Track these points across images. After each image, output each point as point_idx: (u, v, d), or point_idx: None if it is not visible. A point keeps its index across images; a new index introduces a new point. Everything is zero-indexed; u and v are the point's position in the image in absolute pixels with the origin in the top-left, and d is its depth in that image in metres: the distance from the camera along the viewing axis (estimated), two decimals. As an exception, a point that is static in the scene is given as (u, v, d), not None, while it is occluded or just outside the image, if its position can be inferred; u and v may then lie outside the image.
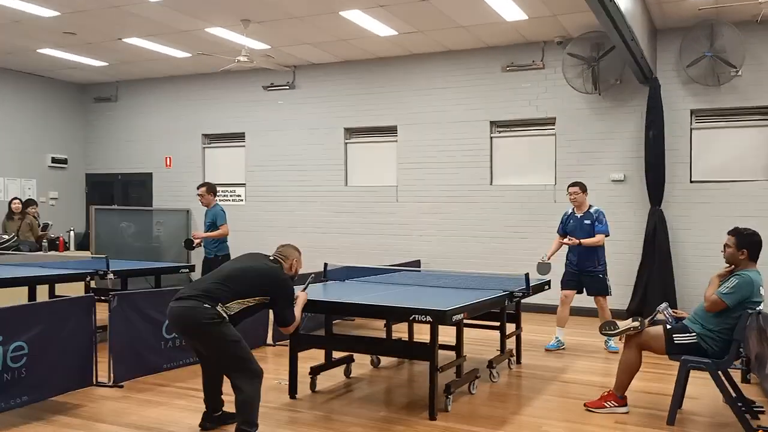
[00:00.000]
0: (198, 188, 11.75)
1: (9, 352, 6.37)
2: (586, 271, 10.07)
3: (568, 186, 10.36)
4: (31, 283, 9.92)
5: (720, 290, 6.45)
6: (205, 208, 11.63)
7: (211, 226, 11.48)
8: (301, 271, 6.67)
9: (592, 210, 10.17)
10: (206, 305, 5.74)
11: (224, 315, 5.78)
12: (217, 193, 12.01)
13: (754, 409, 6.79)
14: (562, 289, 10.18)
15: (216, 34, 13.18)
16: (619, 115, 13.15)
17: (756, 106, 12.39)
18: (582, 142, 13.40)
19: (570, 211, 10.36)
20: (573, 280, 10.17)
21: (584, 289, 10.22)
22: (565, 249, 10.34)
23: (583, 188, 10.24)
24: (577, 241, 9.93)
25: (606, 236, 10.07)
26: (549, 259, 10.02)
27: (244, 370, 5.82)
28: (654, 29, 12.62)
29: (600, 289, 10.10)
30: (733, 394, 6.60)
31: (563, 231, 10.38)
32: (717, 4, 11.44)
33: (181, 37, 13.50)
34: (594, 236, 9.98)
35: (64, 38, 13.80)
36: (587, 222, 10.10)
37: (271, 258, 6.37)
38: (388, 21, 12.33)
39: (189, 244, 11.53)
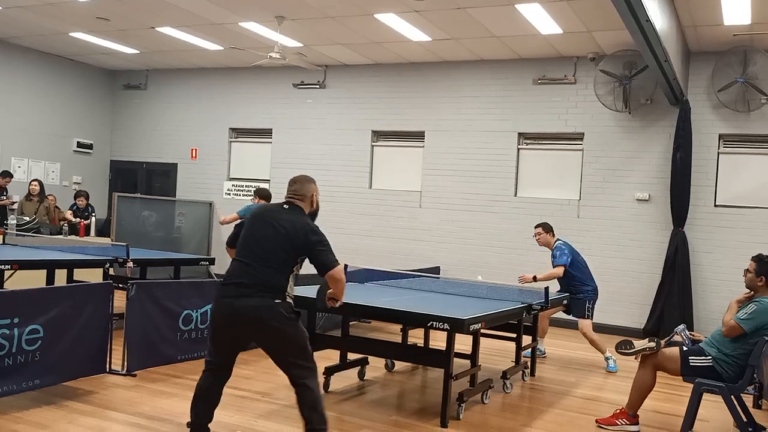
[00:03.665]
0: None
1: (24, 335, 6.38)
2: (570, 295, 10.01)
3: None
4: (50, 266, 9.95)
5: (738, 316, 6.45)
6: None
7: None
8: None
9: (556, 243, 10.18)
10: (277, 300, 5.30)
11: (292, 305, 5.45)
12: (270, 198, 11.84)
13: (763, 434, 6.78)
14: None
15: (249, 29, 13.24)
16: (648, 134, 13.11)
17: (785, 135, 12.36)
18: (609, 159, 13.36)
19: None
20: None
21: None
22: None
23: (546, 228, 10.24)
24: (530, 277, 9.86)
25: (563, 266, 9.94)
26: None
27: (313, 368, 5.44)
28: (688, 51, 12.58)
29: (578, 311, 10.00)
30: (744, 419, 6.58)
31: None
32: (752, 30, 11.40)
33: (215, 29, 13.56)
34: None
35: (97, 23, 13.87)
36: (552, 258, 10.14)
37: (285, 206, 5.65)
38: (423, 27, 12.34)
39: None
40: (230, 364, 5.58)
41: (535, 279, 9.80)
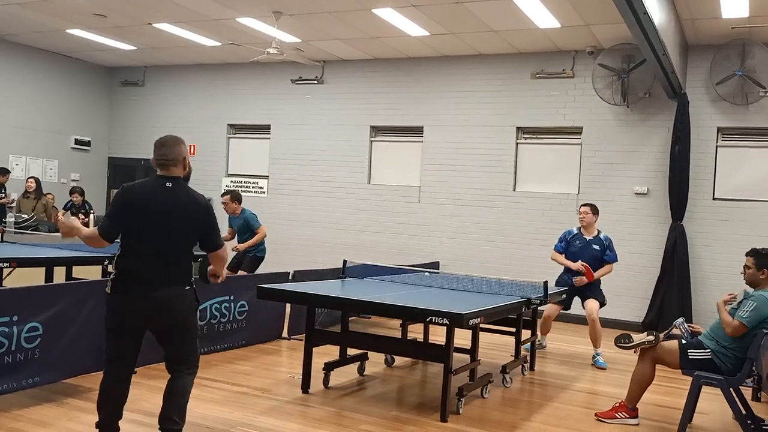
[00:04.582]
0: (222, 196, 11.85)
1: (23, 333, 6.41)
2: (585, 285, 9.91)
3: (581, 206, 10.32)
4: (49, 264, 9.94)
5: (740, 314, 6.44)
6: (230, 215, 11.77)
7: (244, 230, 11.62)
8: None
9: (601, 236, 10.09)
10: (187, 287, 5.24)
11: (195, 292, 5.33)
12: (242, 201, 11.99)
13: (763, 427, 6.79)
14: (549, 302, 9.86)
15: (247, 25, 13.21)
16: (646, 128, 13.10)
17: (783, 127, 12.34)
18: (607, 153, 13.35)
19: (575, 231, 10.20)
20: (565, 297, 9.93)
21: (582, 300, 9.99)
22: (553, 265, 10.38)
23: (594, 210, 10.15)
24: (589, 277, 9.77)
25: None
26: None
27: (197, 363, 5.50)
28: (686, 45, 12.57)
29: (598, 295, 9.92)
30: (743, 412, 6.61)
31: (563, 250, 10.18)
32: (750, 23, 11.39)
33: (212, 25, 13.54)
34: (603, 263, 9.95)
35: (94, 20, 13.84)
36: (596, 247, 9.97)
37: (168, 185, 5.21)
38: (421, 21, 12.33)
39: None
40: (136, 357, 5.42)
41: (592, 277, 9.81)
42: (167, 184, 5.18)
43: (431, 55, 14.69)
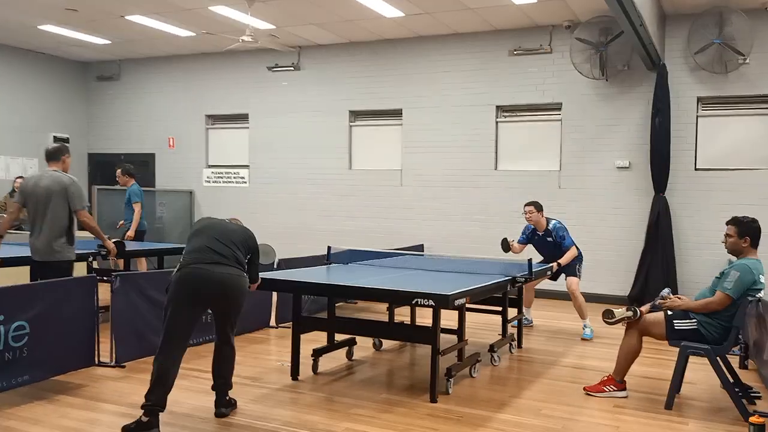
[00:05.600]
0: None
1: (10, 332, 6.37)
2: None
3: (524, 205, 10.41)
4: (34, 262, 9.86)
5: (724, 286, 6.45)
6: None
7: (127, 204, 12.90)
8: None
9: (550, 227, 10.21)
10: (245, 274, 6.20)
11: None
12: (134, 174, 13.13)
13: (751, 394, 6.87)
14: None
15: (220, 13, 13.08)
16: (626, 101, 13.09)
17: (762, 95, 12.30)
18: (588, 128, 13.34)
19: (531, 227, 10.41)
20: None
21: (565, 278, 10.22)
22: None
23: (538, 207, 10.26)
24: (556, 265, 9.92)
25: (575, 246, 10.14)
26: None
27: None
28: (663, 15, 12.55)
29: (569, 270, 10.07)
30: (731, 380, 6.66)
31: (525, 241, 10.43)
32: (726, -9, 11.41)
33: (185, 15, 13.42)
34: (565, 253, 10.01)
35: (66, 15, 13.70)
36: (549, 239, 10.18)
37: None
38: (395, 2, 12.24)
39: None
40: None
41: (559, 265, 9.91)
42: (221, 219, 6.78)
43: (407, 36, 14.63)
